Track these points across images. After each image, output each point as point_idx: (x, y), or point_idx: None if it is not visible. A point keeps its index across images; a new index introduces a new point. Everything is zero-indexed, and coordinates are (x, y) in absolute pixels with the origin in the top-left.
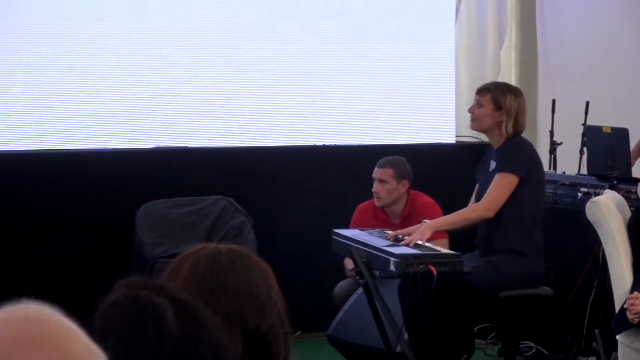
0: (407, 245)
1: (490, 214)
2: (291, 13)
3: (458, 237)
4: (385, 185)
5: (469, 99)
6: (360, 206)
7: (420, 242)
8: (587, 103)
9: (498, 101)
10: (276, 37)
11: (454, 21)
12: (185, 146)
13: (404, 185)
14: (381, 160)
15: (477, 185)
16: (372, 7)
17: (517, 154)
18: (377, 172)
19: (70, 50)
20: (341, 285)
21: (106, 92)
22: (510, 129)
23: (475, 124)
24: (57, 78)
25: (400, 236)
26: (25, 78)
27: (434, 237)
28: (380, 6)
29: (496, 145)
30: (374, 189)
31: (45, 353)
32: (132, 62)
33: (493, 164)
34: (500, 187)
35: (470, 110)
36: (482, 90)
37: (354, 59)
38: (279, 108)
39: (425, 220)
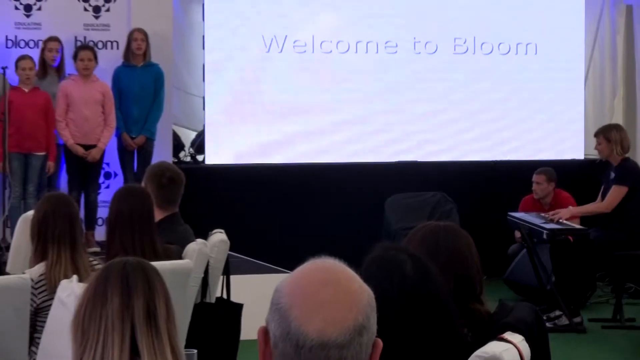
0: (554, 222)
1: (608, 210)
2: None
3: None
4: (540, 185)
5: (595, 127)
6: (524, 198)
7: (561, 220)
8: None
9: (607, 137)
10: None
11: (583, 83)
12: (415, 160)
13: (552, 185)
14: (538, 169)
15: (602, 186)
16: (525, 70)
17: (626, 172)
18: (535, 177)
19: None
20: (512, 247)
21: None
22: (619, 151)
23: (600, 156)
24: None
25: (550, 217)
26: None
27: (571, 218)
28: (529, 73)
29: (615, 163)
30: (533, 187)
31: (335, 289)
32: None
33: (612, 175)
34: (615, 194)
35: (595, 149)
36: (596, 135)
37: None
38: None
39: (569, 207)
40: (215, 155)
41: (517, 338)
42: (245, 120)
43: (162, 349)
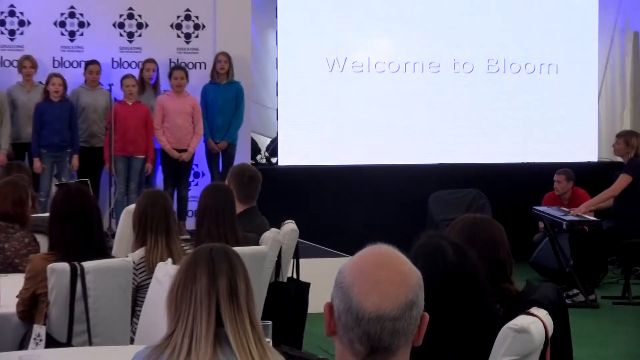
0: (572, 215)
1: (615, 194)
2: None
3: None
4: (561, 183)
5: (607, 135)
6: (546, 194)
7: (579, 213)
8: None
9: (627, 141)
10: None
11: (597, 97)
12: (454, 162)
13: (570, 184)
14: (559, 170)
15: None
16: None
17: (634, 164)
18: (556, 177)
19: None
20: (537, 236)
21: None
22: (632, 154)
23: (617, 154)
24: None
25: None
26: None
27: (586, 212)
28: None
29: (626, 161)
30: (554, 185)
31: (389, 270)
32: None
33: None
34: (621, 180)
35: (613, 146)
36: (619, 135)
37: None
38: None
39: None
40: (286, 158)
41: (542, 312)
42: (311, 128)
43: (242, 321)
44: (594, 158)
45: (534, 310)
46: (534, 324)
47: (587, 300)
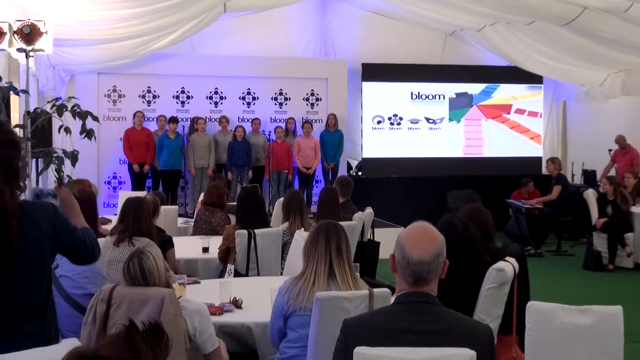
0: (529, 204)
1: (554, 198)
2: None
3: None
4: (529, 189)
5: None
6: (514, 192)
7: (532, 204)
8: (583, 163)
9: (553, 161)
10: None
11: (542, 140)
12: (463, 175)
13: (531, 186)
14: (525, 181)
15: (550, 187)
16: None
17: (560, 179)
18: (524, 188)
19: None
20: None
21: None
22: (557, 167)
23: (549, 172)
24: None
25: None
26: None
27: (537, 202)
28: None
29: (554, 175)
30: (524, 190)
31: (427, 235)
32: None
33: (553, 181)
34: (556, 190)
35: (546, 168)
36: (547, 162)
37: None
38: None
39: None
40: (367, 172)
41: (512, 260)
42: (384, 155)
43: (344, 266)
44: (540, 173)
45: (507, 258)
46: (508, 266)
47: (536, 252)
